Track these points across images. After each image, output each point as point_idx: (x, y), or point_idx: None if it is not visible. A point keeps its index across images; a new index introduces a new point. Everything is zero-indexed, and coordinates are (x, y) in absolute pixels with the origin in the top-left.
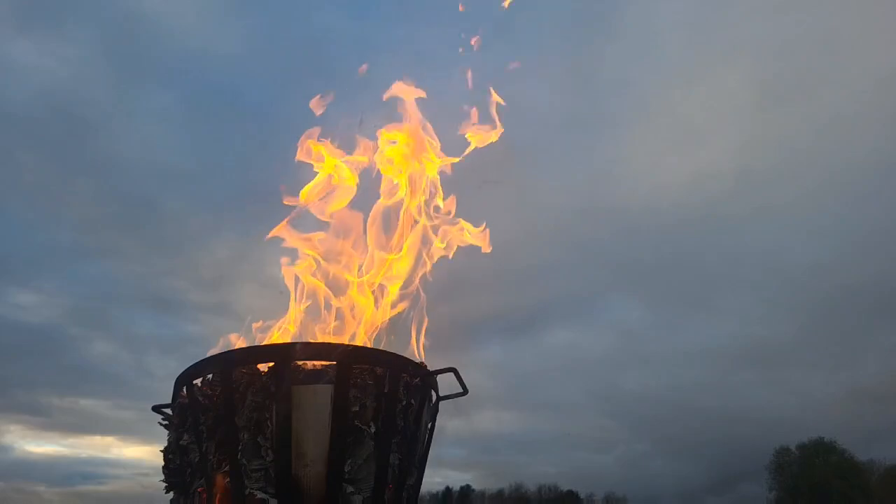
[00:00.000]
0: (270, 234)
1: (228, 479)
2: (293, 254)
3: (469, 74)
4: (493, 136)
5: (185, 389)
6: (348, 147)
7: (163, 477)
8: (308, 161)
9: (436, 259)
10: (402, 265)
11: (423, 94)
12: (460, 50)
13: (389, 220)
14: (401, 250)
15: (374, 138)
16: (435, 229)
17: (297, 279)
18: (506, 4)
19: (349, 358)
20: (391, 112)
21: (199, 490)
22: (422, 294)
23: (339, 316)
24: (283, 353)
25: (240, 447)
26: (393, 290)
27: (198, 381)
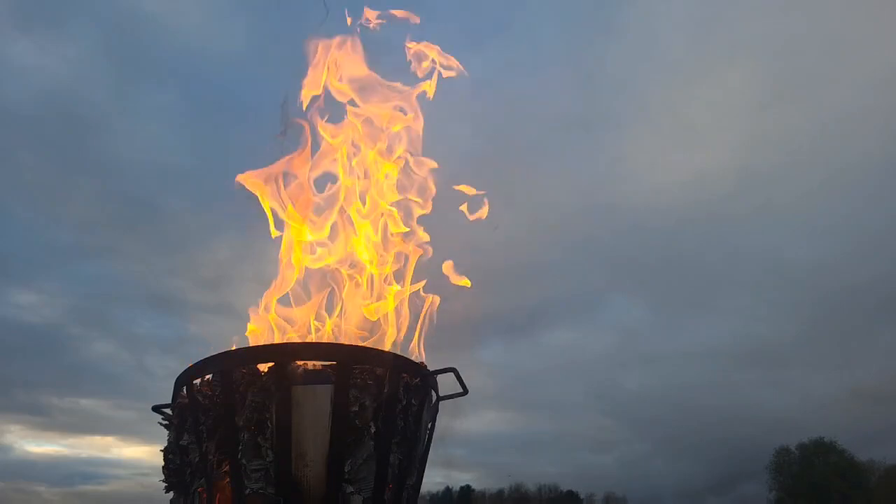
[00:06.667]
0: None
1: (228, 479)
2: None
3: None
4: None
5: (184, 389)
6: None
7: (163, 477)
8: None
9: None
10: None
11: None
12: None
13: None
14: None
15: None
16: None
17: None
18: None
19: (349, 358)
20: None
21: (199, 490)
22: (422, 294)
23: (339, 315)
24: (283, 353)
25: (240, 447)
26: (392, 290)
27: (197, 381)
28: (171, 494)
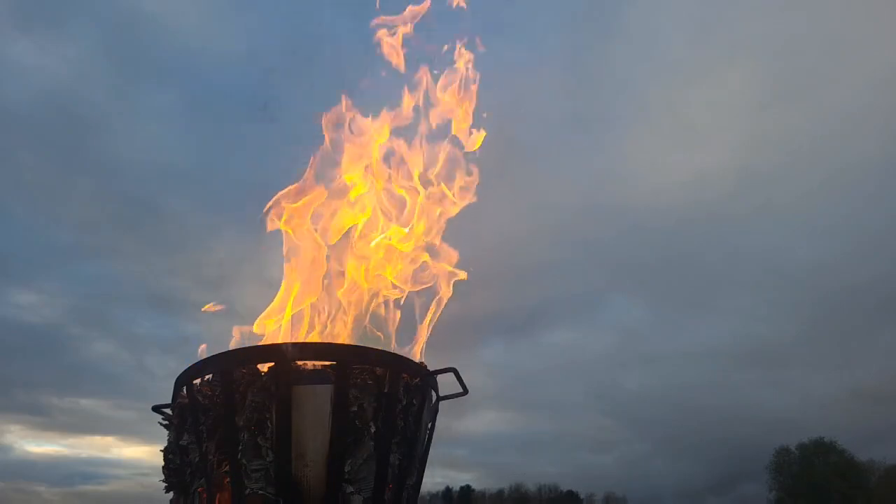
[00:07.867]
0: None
1: (228, 479)
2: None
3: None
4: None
5: (184, 389)
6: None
7: (163, 477)
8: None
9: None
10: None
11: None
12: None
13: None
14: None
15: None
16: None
17: (295, 277)
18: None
19: (349, 358)
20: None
21: (199, 490)
22: (424, 294)
23: (338, 315)
24: (283, 354)
25: (240, 447)
26: (391, 289)
27: (197, 381)
28: (171, 494)
